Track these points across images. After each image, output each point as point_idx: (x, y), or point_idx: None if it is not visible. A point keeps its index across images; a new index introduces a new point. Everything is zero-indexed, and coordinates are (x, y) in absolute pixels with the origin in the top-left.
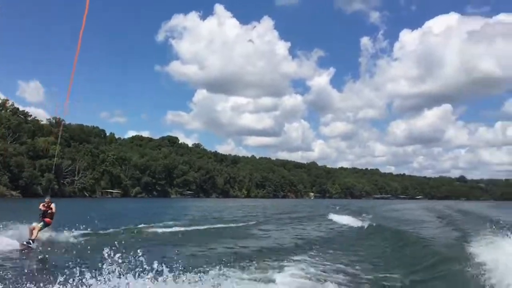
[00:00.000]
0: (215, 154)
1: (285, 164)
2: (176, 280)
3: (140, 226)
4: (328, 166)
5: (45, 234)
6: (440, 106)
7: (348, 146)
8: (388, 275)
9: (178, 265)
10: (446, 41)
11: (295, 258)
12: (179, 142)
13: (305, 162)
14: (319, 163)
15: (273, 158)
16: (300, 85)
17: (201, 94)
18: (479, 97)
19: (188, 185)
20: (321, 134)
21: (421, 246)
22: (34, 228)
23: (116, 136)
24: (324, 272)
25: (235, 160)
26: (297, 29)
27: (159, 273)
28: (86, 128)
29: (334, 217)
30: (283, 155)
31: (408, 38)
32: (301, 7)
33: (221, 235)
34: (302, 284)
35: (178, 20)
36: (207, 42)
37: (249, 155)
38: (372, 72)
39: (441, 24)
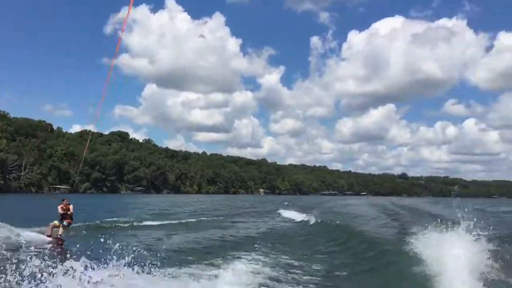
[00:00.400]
0: (166, 150)
1: (236, 160)
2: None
3: (114, 219)
4: (278, 162)
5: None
6: (385, 106)
7: (297, 143)
8: (333, 268)
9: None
10: (391, 43)
11: (245, 251)
12: (130, 137)
13: (255, 159)
14: (268, 160)
15: (224, 154)
16: (250, 82)
17: (150, 88)
18: (421, 98)
19: (139, 181)
20: (270, 131)
21: (364, 240)
22: (55, 226)
23: (63, 130)
24: (272, 265)
25: (186, 156)
26: (248, 27)
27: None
28: (32, 122)
29: (284, 212)
30: (233, 152)
31: (355, 39)
32: (252, 5)
33: (206, 227)
34: (249, 279)
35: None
36: (157, 36)
37: (199, 151)
38: (321, 71)
39: (387, 26)
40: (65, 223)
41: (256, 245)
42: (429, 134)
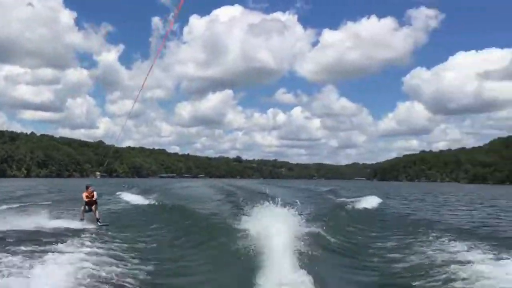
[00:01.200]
0: None
1: (70, 142)
2: None
3: None
4: (116, 145)
5: None
6: (222, 91)
7: (135, 125)
8: (168, 248)
9: None
10: (230, 31)
11: (78, 236)
12: None
13: (92, 141)
14: (105, 142)
15: (56, 135)
16: (86, 59)
17: None
18: (256, 85)
19: None
20: (107, 112)
21: (200, 219)
22: (84, 210)
23: None
24: (108, 249)
25: (13, 137)
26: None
27: None
28: None
29: (123, 195)
30: (65, 132)
31: (197, 23)
32: None
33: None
34: (80, 263)
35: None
36: None
37: (27, 131)
38: (162, 53)
39: (227, 13)
40: (93, 208)
41: (91, 231)
42: (262, 120)
